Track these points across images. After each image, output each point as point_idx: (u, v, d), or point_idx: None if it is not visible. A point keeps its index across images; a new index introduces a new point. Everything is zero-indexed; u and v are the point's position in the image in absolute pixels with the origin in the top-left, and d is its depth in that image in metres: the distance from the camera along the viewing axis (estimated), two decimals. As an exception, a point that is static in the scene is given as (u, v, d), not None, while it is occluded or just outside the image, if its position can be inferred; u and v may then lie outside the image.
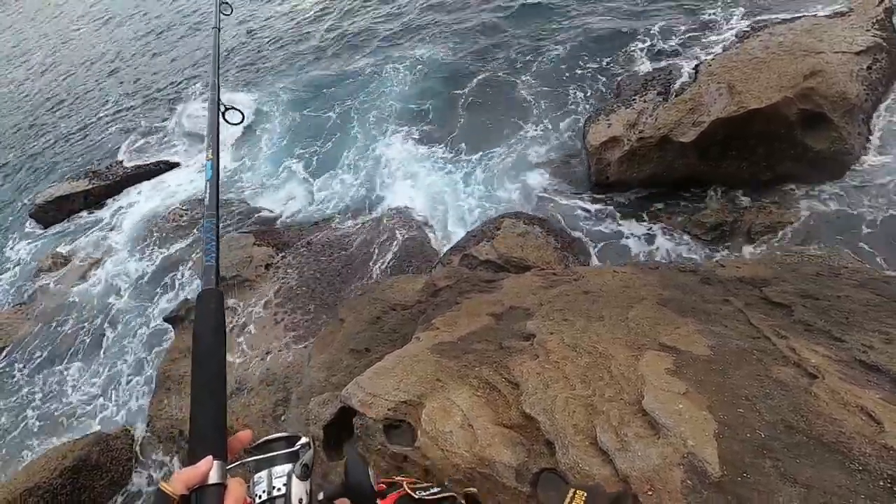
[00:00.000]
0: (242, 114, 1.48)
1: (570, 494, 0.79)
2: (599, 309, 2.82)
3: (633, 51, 6.81)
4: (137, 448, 4.95)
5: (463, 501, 0.96)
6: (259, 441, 0.82)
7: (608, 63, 6.86)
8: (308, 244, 6.27)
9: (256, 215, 7.30)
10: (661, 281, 3.29)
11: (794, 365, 1.99)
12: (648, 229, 4.85)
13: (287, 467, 0.79)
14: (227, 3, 2.21)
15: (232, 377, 4.94)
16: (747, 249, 4.23)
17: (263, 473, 0.79)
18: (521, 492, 1.67)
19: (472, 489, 0.92)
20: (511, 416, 2.00)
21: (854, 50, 4.59)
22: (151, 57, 15.31)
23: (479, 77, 7.91)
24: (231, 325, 5.48)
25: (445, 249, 5.54)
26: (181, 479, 0.72)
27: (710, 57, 5.68)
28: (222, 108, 1.41)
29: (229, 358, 5.09)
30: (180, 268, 7.10)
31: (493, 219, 5.60)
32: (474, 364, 2.42)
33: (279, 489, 0.78)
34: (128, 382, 5.82)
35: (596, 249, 4.91)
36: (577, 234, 5.12)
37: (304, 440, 0.85)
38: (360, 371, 3.01)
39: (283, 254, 6.20)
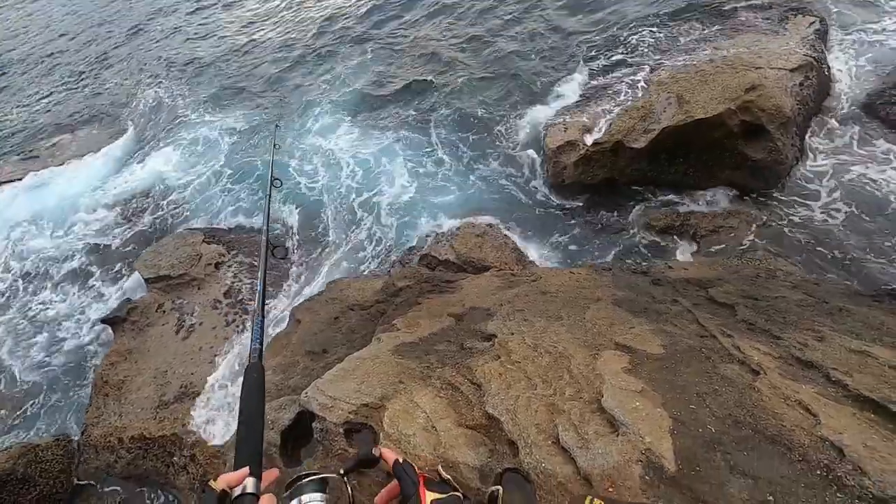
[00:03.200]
0: (286, 249, 2.29)
1: (589, 498, 0.84)
2: (558, 309, 2.89)
3: (591, 58, 7.02)
4: (71, 458, 4.61)
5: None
6: (292, 478, 0.98)
7: (567, 68, 7.04)
8: (260, 242, 6.05)
9: (206, 214, 6.97)
10: (615, 281, 3.41)
11: (739, 362, 2.11)
12: (602, 231, 5.01)
13: (315, 496, 0.94)
14: (279, 179, 2.75)
15: (178, 382, 4.70)
16: (694, 252, 4.46)
17: (294, 502, 0.93)
18: (485, 492, 1.67)
19: (495, 488, 1.12)
20: (474, 417, 2.01)
21: (789, 67, 4.93)
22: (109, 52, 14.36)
23: (441, 77, 7.91)
24: (177, 328, 5.21)
25: (404, 249, 5.51)
26: (223, 478, 0.91)
27: (661, 68, 5.94)
28: (271, 247, 1.94)
29: (174, 366, 4.85)
30: (115, 265, 6.68)
31: (451, 219, 5.62)
32: (436, 365, 2.41)
33: None
34: (60, 388, 5.41)
35: (553, 250, 5.02)
36: (534, 234, 5.22)
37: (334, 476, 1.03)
38: (317, 373, 2.94)
39: (235, 251, 5.96)
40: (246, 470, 0.94)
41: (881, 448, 1.45)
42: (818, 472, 1.43)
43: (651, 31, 6.94)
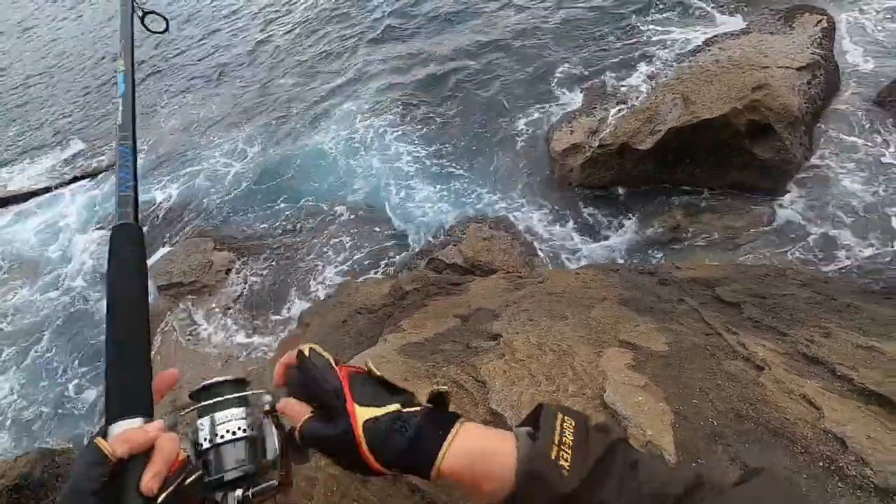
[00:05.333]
0: (166, 20, 1.21)
1: (559, 420, 0.52)
2: (563, 309, 2.90)
3: (595, 60, 7.04)
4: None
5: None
6: (199, 386, 0.70)
7: (572, 71, 7.07)
8: (271, 248, 6.14)
9: (217, 219, 7.09)
10: (621, 282, 3.41)
11: (744, 359, 2.10)
12: (609, 232, 5.01)
13: (236, 411, 0.67)
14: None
15: (189, 387, 4.76)
16: (701, 251, 4.44)
17: (205, 420, 0.67)
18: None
19: (443, 388, 0.57)
20: (478, 413, 2.03)
21: (795, 66, 4.91)
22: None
23: (445, 82, 7.98)
24: (189, 332, 5.30)
25: (412, 253, 5.55)
26: (127, 440, 0.57)
27: (666, 68, 5.94)
28: (140, 13, 1.09)
29: (185, 371, 4.92)
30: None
31: (459, 222, 5.66)
32: (442, 364, 2.43)
33: (222, 436, 0.65)
34: (74, 393, 5.52)
35: (559, 252, 5.03)
36: (541, 237, 5.23)
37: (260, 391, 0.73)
38: (325, 374, 2.98)
39: (245, 258, 6.05)
40: (158, 425, 0.61)
41: (884, 440, 1.44)
42: (820, 464, 1.43)
43: (656, 32, 6.95)
